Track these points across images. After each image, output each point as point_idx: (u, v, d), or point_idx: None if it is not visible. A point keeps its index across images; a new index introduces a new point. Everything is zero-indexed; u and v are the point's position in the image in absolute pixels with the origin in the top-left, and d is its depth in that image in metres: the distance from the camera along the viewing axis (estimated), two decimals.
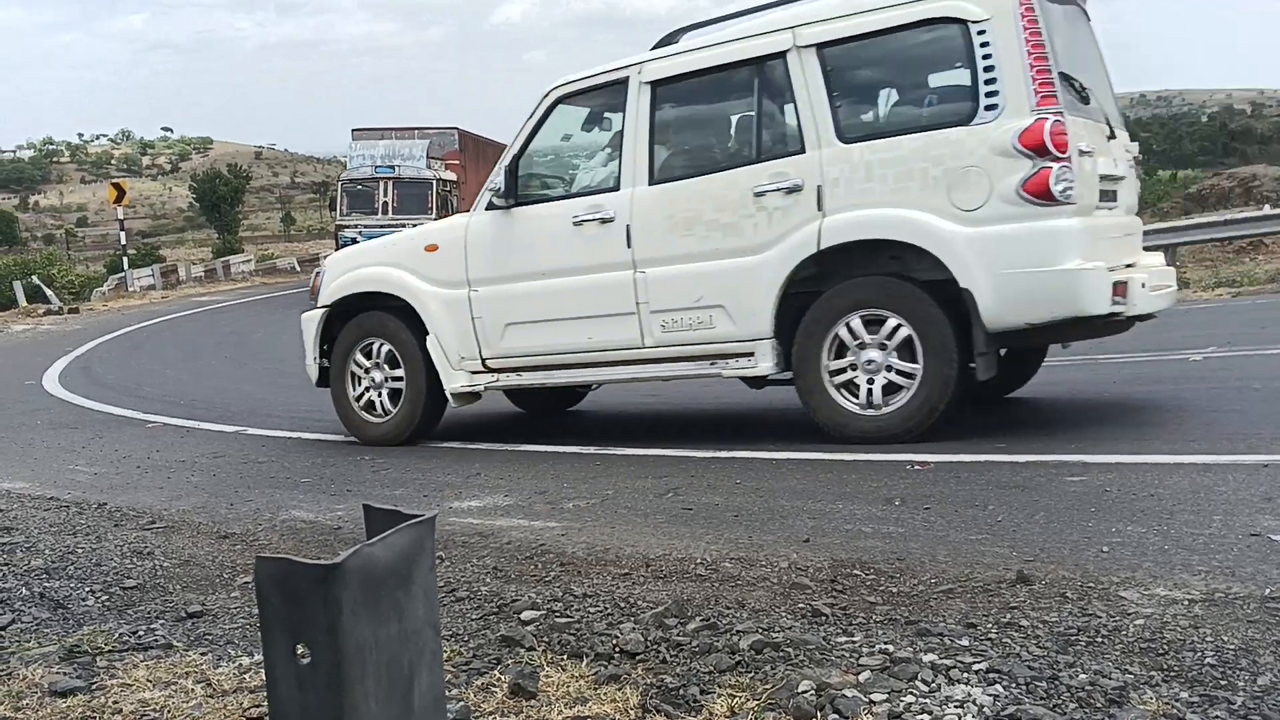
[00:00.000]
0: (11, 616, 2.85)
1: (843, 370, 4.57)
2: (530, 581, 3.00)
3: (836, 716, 1.93)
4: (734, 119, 5.05)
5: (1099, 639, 2.23)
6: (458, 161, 22.90)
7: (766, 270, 4.62)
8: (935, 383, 4.36)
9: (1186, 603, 2.42)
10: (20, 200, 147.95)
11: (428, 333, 5.47)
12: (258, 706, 2.12)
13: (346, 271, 5.85)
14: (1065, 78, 4.38)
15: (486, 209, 5.37)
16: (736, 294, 4.70)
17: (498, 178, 5.28)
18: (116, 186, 28.20)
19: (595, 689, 2.14)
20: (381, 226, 18.10)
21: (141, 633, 2.70)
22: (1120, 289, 4.25)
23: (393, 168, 20.54)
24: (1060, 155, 4.12)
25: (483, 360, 5.39)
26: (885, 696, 2.00)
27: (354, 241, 15.17)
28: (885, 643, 2.28)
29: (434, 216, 17.95)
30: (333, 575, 1.33)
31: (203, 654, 2.50)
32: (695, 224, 4.79)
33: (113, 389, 9.72)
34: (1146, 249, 5.43)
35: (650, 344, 4.96)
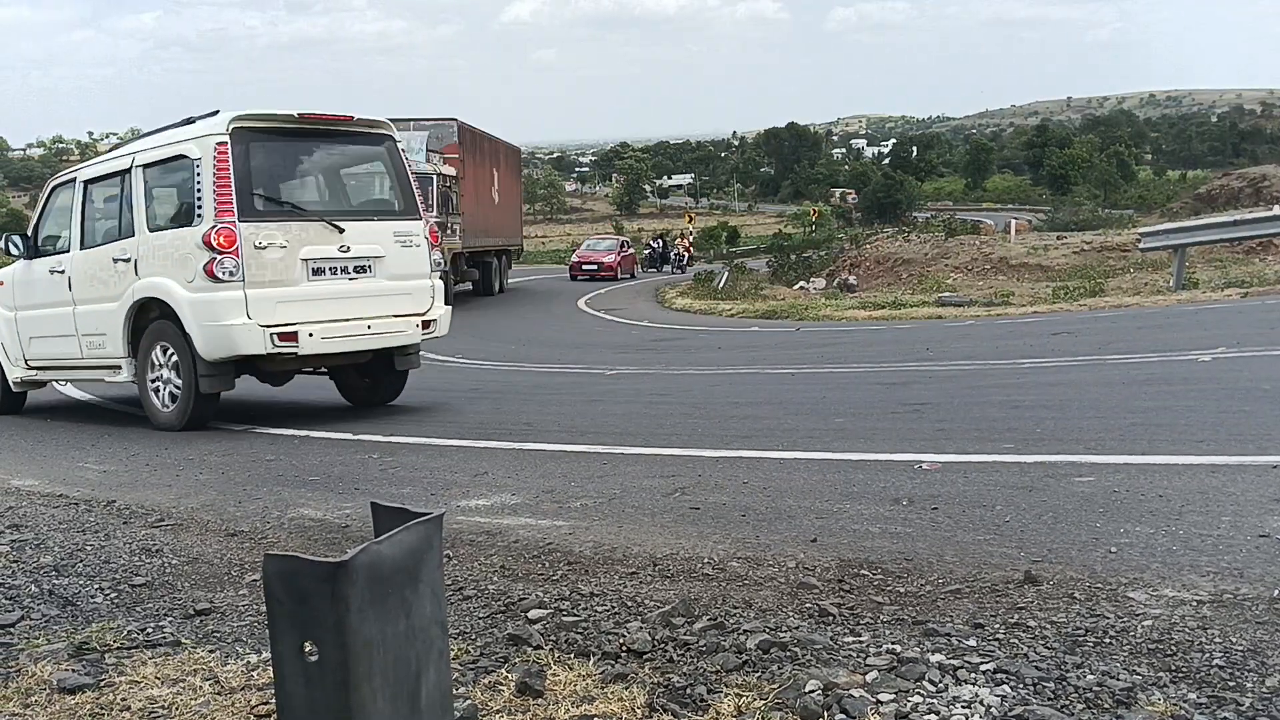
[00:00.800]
0: (20, 613, 2.86)
1: (155, 380, 6.75)
2: (538, 580, 3.00)
3: (843, 716, 1.93)
4: (114, 209, 7.20)
5: (1107, 640, 2.22)
6: (456, 155, 22.27)
7: (119, 313, 6.79)
8: (188, 391, 6.54)
9: (1195, 604, 2.41)
10: (30, 198, 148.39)
11: None
12: (265, 704, 2.12)
13: None
14: (271, 199, 6.53)
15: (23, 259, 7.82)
16: (108, 327, 6.91)
17: (16, 239, 7.73)
18: None
19: (602, 688, 2.14)
20: None
21: (150, 630, 2.71)
22: (289, 337, 6.29)
23: None
24: (224, 250, 6.18)
25: (26, 361, 7.90)
26: (892, 696, 1.99)
27: None
28: (892, 643, 2.27)
29: (434, 213, 17.68)
30: (340, 573, 1.33)
31: (211, 651, 2.50)
32: (94, 279, 7.04)
33: (120, 386, 9.73)
34: (1152, 250, 5.60)
35: (85, 357, 7.26)
